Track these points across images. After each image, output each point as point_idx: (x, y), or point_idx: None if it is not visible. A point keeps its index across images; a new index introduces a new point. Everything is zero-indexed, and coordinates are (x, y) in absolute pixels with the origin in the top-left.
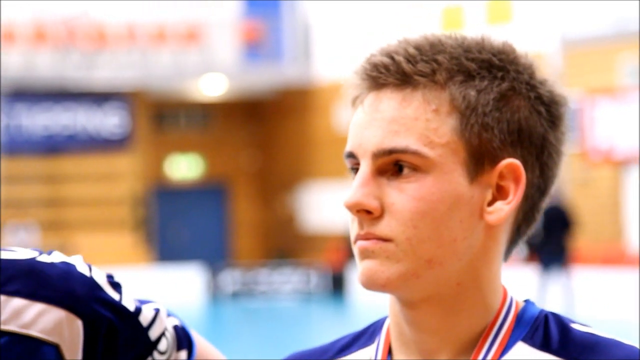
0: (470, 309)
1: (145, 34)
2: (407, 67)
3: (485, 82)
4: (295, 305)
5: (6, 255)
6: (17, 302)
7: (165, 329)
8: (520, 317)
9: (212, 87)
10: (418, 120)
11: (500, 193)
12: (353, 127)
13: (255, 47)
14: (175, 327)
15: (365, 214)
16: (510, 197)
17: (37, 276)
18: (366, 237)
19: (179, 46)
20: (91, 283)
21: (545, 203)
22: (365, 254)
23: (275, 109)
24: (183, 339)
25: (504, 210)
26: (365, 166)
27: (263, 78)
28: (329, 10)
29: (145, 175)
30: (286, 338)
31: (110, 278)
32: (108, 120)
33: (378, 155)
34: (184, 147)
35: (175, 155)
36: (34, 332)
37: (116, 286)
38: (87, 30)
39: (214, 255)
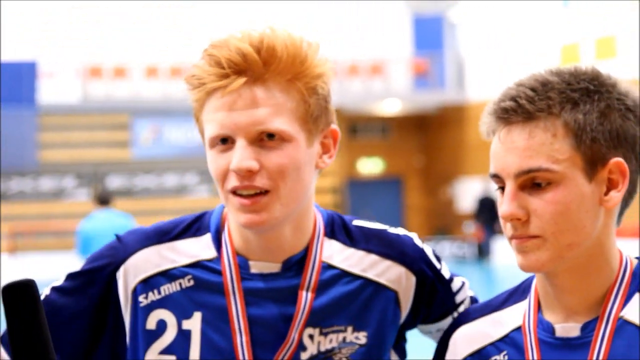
0: (598, 271)
1: (343, 69)
2: (529, 107)
3: (588, 106)
4: (452, 267)
5: (365, 224)
6: (373, 257)
7: (466, 297)
8: (635, 273)
9: (390, 107)
10: (544, 145)
11: (611, 184)
12: (494, 155)
13: (423, 77)
14: (472, 298)
15: (517, 220)
16: (620, 187)
17: (387, 241)
18: (520, 237)
19: (367, 77)
20: (422, 251)
21: None
22: (521, 250)
23: (437, 122)
24: None
25: (617, 197)
26: (510, 185)
27: (428, 99)
28: (476, 49)
29: (342, 171)
30: None
31: (434, 252)
32: None
33: (519, 175)
34: (369, 151)
35: (363, 157)
36: (382, 280)
37: (438, 258)
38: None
39: None
